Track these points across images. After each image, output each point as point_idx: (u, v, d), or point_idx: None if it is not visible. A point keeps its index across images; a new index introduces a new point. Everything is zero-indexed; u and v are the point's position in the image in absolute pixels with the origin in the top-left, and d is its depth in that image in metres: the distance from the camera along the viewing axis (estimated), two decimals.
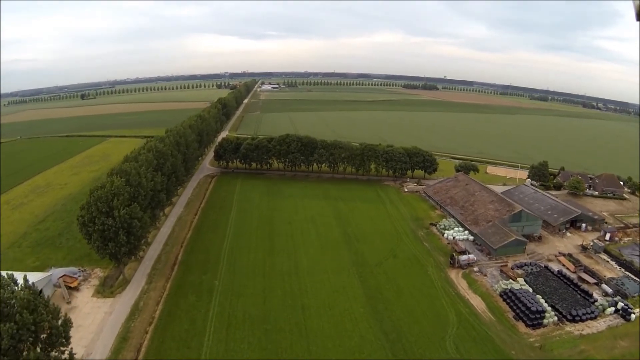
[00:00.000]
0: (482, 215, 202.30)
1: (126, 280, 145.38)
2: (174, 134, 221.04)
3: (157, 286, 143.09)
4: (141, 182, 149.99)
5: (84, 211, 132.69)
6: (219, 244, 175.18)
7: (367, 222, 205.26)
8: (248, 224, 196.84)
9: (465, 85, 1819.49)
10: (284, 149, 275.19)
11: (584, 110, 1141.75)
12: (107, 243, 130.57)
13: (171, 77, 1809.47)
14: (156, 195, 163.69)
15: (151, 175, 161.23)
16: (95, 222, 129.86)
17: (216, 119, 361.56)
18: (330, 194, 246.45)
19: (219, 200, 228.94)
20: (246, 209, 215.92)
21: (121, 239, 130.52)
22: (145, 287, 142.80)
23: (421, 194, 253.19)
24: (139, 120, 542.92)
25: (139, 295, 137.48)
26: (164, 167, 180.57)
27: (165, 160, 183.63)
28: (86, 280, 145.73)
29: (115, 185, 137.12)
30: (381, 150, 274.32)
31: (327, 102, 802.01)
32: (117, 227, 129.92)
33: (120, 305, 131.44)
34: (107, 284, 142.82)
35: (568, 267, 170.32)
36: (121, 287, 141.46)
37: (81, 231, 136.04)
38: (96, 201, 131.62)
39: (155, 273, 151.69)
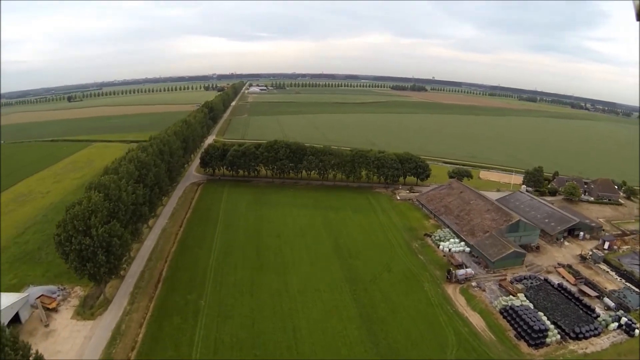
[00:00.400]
0: (478, 225, 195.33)
1: (107, 300, 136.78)
2: (157, 142, 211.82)
3: (139, 306, 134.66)
4: (121, 197, 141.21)
5: (60, 229, 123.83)
6: (204, 259, 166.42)
7: (359, 234, 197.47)
8: (235, 237, 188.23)
9: (454, 86, 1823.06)
10: (272, 156, 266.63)
11: (573, 111, 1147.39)
12: (85, 263, 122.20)
13: (159, 79, 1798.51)
14: (138, 209, 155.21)
15: (132, 188, 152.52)
16: (72, 242, 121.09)
17: (202, 123, 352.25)
18: (320, 203, 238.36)
19: (205, 211, 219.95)
20: (233, 220, 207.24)
21: (100, 259, 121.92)
22: (128, 307, 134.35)
23: (414, 201, 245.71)
24: (125, 124, 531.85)
25: (121, 317, 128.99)
26: (147, 178, 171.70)
27: (147, 171, 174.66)
28: (65, 299, 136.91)
29: (92, 202, 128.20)
30: (372, 157, 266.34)
31: (315, 105, 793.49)
32: (95, 246, 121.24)
33: (101, 329, 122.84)
34: (87, 304, 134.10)
35: (568, 279, 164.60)
36: (102, 308, 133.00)
37: (57, 250, 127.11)
38: (72, 219, 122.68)
39: (138, 292, 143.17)
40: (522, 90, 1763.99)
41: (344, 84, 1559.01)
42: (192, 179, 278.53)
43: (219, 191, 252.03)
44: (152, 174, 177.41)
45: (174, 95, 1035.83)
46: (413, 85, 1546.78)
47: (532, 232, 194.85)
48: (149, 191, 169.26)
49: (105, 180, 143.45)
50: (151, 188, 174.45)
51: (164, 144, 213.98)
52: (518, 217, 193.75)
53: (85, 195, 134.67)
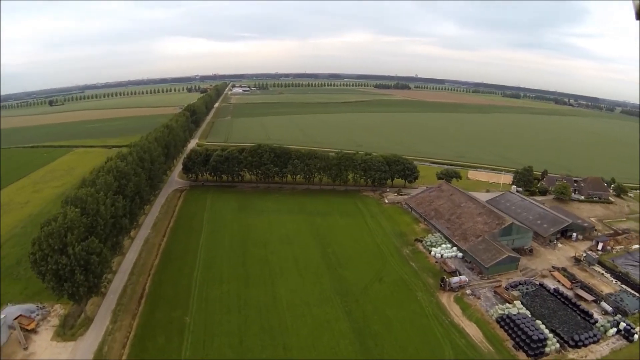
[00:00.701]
0: (470, 229, 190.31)
1: (89, 319, 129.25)
2: (137, 149, 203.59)
3: (122, 325, 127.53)
4: (99, 211, 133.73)
5: (35, 247, 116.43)
6: (189, 272, 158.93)
7: (347, 241, 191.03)
8: (220, 247, 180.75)
9: (437, 84, 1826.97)
10: (256, 161, 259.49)
11: (557, 107, 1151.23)
12: (63, 283, 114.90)
13: (141, 81, 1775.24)
14: (118, 222, 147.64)
15: (111, 201, 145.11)
16: (48, 261, 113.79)
17: (184, 127, 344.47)
18: (306, 208, 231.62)
19: (189, 219, 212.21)
20: (217, 229, 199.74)
21: (78, 279, 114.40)
22: (110, 326, 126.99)
23: (403, 205, 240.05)
24: (107, 129, 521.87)
25: (103, 338, 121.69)
26: (126, 188, 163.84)
27: (127, 181, 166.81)
28: (45, 319, 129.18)
29: (68, 218, 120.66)
30: (359, 160, 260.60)
31: (299, 105, 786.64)
32: (72, 265, 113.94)
33: (83, 351, 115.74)
34: (67, 324, 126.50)
35: (564, 283, 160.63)
36: (83, 328, 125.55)
37: (33, 269, 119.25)
38: (47, 237, 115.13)
39: (120, 309, 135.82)
40: (506, 86, 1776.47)
41: (327, 83, 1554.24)
42: (174, 185, 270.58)
43: (202, 198, 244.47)
44: (133, 184, 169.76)
45: (157, 98, 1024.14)
46: (396, 84, 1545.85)
47: (525, 235, 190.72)
48: (129, 202, 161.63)
49: (82, 194, 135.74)
50: (132, 199, 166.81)
51: (145, 151, 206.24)
52: (511, 220, 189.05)
53: (61, 211, 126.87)
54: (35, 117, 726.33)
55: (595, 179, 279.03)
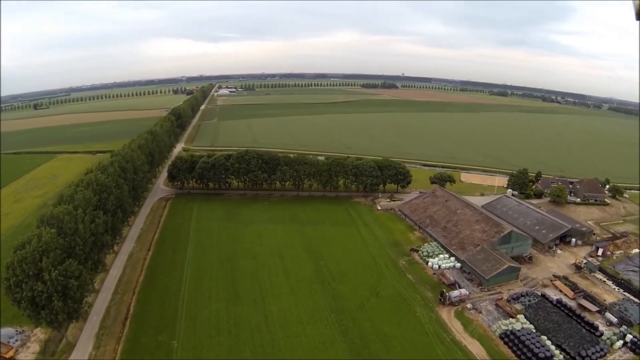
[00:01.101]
0: (468, 238, 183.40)
1: (70, 345, 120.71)
2: (119, 159, 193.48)
3: (106, 351, 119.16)
4: (78, 229, 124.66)
5: (10, 272, 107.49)
6: (175, 290, 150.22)
7: (341, 252, 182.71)
8: (207, 261, 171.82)
9: (424, 82, 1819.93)
10: (243, 167, 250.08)
11: (545, 105, 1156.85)
12: (40, 311, 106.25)
13: (128, 83, 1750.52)
14: (99, 239, 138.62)
15: (91, 217, 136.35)
16: (23, 287, 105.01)
17: (169, 132, 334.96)
18: (296, 217, 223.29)
19: (174, 231, 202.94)
20: (204, 241, 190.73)
21: (56, 306, 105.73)
22: (93, 352, 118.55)
23: (396, 211, 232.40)
24: (91, 133, 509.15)
25: None
26: (107, 202, 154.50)
27: (108, 195, 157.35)
28: (24, 345, 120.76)
29: (43, 241, 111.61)
30: (350, 165, 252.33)
31: (286, 106, 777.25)
32: (49, 292, 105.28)
33: None
34: (48, 350, 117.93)
35: (566, 293, 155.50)
36: (65, 354, 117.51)
37: (8, 296, 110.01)
38: (20, 262, 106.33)
39: (104, 333, 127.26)
40: (493, 84, 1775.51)
41: (314, 83, 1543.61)
42: (160, 193, 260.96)
43: (188, 207, 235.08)
44: (114, 197, 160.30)
45: (143, 100, 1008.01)
46: (383, 83, 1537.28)
47: (524, 243, 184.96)
48: (110, 217, 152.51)
49: (59, 212, 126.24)
50: (113, 213, 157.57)
51: (127, 160, 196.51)
52: (510, 227, 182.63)
53: (35, 232, 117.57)
54: (19, 121, 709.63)
55: (591, 181, 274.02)
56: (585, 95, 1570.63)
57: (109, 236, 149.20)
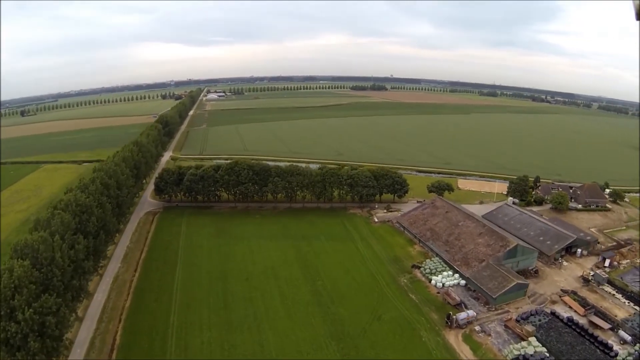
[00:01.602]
0: (472, 252, 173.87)
1: None
2: (101, 175, 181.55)
3: None
4: (55, 259, 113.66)
5: None
6: (164, 317, 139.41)
7: (338, 271, 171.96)
8: (197, 283, 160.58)
9: (413, 84, 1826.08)
10: (233, 179, 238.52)
11: (535, 105, 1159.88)
12: (15, 352, 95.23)
13: (116, 88, 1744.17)
14: (80, 266, 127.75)
15: (70, 243, 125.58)
16: None
17: (156, 142, 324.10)
18: (290, 231, 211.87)
19: (162, 249, 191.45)
20: (194, 261, 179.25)
21: (33, 346, 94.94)
22: None
23: (394, 224, 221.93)
24: (78, 141, 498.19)
25: None
26: (89, 224, 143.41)
27: (90, 215, 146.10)
28: None
29: (15, 276, 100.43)
30: (344, 175, 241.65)
31: (275, 111, 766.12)
32: (24, 332, 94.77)
33: None
34: None
35: (576, 309, 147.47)
36: None
37: None
38: None
39: None
40: (482, 85, 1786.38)
41: (303, 87, 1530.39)
42: (147, 207, 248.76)
43: (177, 222, 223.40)
44: (96, 218, 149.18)
45: (131, 106, 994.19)
46: (373, 85, 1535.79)
47: (530, 256, 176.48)
48: (92, 240, 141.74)
49: (34, 241, 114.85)
50: (96, 235, 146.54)
51: (110, 175, 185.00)
52: (515, 241, 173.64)
53: (7, 266, 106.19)
54: (5, 128, 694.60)
55: (592, 186, 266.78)
56: (574, 94, 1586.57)
57: (91, 261, 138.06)
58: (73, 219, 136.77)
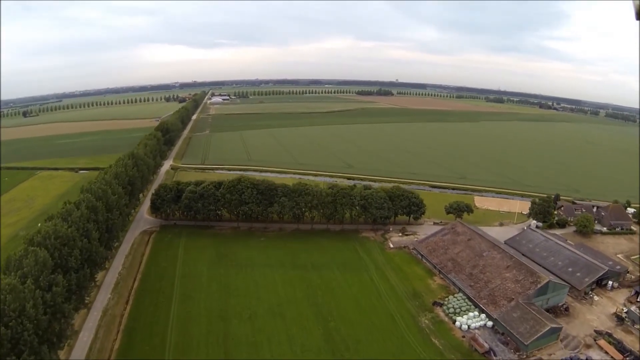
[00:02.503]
0: (499, 289, 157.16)
1: None
2: (88, 197, 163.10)
3: None
4: (25, 310, 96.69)
5: None
6: None
7: (353, 309, 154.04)
8: (195, 322, 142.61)
9: (419, 89, 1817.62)
10: (235, 199, 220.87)
11: (542, 112, 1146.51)
12: None
13: (120, 89, 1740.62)
14: (59, 309, 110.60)
15: (47, 283, 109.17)
16: None
17: (155, 152, 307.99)
18: (298, 259, 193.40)
19: (157, 278, 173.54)
20: (192, 294, 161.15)
21: None
22: None
23: (410, 250, 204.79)
24: (77, 145, 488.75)
25: None
26: (70, 259, 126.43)
27: (72, 249, 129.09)
28: None
29: None
30: (357, 195, 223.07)
31: (280, 116, 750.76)
32: None
33: None
34: None
35: (613, 355, 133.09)
36: None
37: None
38: None
39: None
40: (487, 90, 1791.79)
41: (308, 91, 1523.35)
42: (142, 224, 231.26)
43: (174, 244, 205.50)
44: (80, 250, 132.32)
45: (134, 109, 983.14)
46: (379, 90, 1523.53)
47: (560, 291, 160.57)
48: (74, 277, 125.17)
49: None
50: (78, 269, 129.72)
51: (99, 197, 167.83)
52: (547, 277, 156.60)
53: None
54: (5, 130, 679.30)
55: (617, 207, 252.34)
56: (580, 101, 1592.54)
57: (73, 301, 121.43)
58: (51, 255, 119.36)
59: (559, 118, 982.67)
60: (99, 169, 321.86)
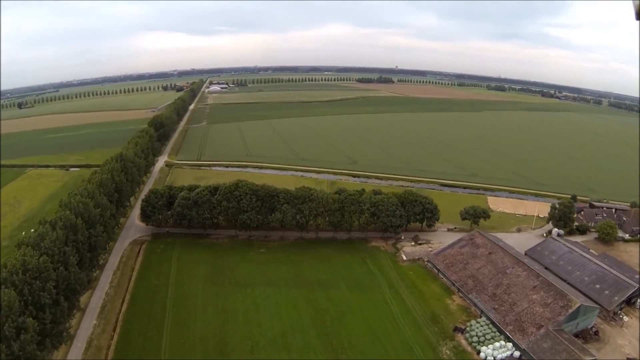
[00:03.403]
0: (526, 313, 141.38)
1: None
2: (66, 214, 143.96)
3: None
4: None
5: None
6: None
7: (365, 338, 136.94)
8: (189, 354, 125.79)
9: (419, 76, 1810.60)
10: (232, 207, 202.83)
11: (545, 101, 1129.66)
12: None
13: (118, 78, 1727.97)
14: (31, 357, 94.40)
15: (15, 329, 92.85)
16: None
17: (147, 150, 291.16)
18: (302, 274, 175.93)
19: (147, 300, 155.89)
20: (185, 320, 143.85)
21: None
22: None
23: (425, 262, 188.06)
24: (70, 140, 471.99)
25: None
26: (44, 293, 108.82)
27: (45, 282, 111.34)
28: None
29: None
30: (367, 201, 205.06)
31: (280, 106, 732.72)
32: None
33: None
34: None
35: None
36: None
37: None
38: None
39: None
40: (488, 77, 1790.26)
41: (308, 78, 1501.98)
42: (133, 232, 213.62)
43: (166, 257, 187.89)
44: (54, 280, 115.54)
45: (131, 98, 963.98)
46: (379, 77, 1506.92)
47: (590, 314, 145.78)
48: (49, 314, 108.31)
49: None
50: (53, 303, 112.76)
51: (79, 213, 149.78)
52: (578, 302, 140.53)
53: None
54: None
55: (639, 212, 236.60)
56: (581, 89, 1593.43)
57: (48, 345, 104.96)
58: (20, 292, 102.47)
59: (563, 107, 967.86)
60: (90, 166, 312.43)
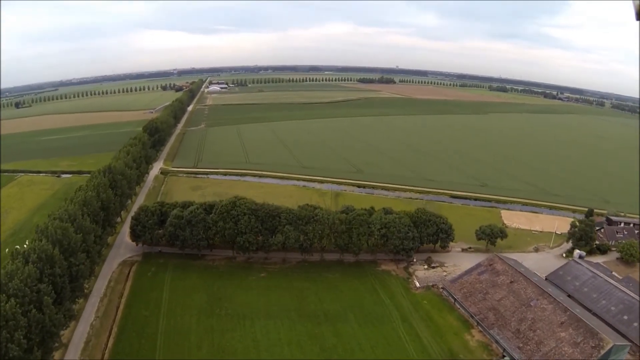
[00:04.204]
0: (554, 354, 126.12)
1: None
2: (41, 245, 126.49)
3: None
4: None
5: None
6: None
7: None
8: None
9: (420, 76, 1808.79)
10: (229, 228, 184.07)
11: (548, 103, 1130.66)
12: None
13: (118, 76, 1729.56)
14: None
15: None
16: None
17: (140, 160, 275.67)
18: (306, 304, 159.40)
19: (136, 335, 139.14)
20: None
21: None
22: None
23: (440, 290, 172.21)
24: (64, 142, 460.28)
25: None
26: (11, 345, 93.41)
27: (13, 331, 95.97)
28: None
29: None
30: (377, 222, 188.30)
31: (280, 107, 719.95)
32: None
33: None
34: None
35: None
36: None
37: None
38: None
39: None
40: (489, 78, 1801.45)
41: (308, 78, 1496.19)
42: (123, 251, 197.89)
43: (158, 281, 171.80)
44: (24, 328, 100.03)
45: (129, 98, 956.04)
46: (381, 78, 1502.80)
47: (621, 352, 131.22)
48: None
49: None
50: (24, 355, 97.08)
51: (56, 241, 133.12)
52: (611, 341, 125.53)
53: None
54: None
55: None
56: (583, 90, 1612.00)
57: None
58: None
59: (566, 109, 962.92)
60: (82, 173, 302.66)
